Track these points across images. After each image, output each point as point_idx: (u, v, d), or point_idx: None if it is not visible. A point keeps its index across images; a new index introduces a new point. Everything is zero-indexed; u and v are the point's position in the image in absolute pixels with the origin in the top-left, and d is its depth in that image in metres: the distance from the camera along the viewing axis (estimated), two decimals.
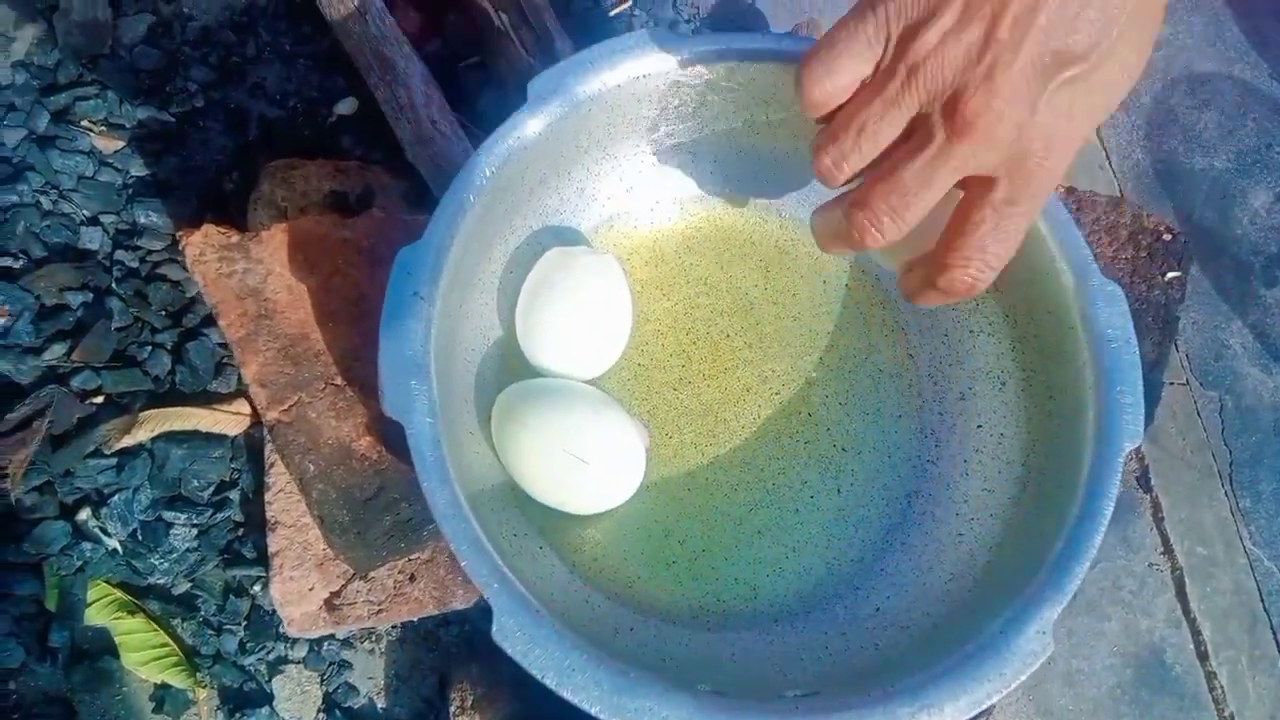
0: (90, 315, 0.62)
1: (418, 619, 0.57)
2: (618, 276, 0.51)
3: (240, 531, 0.60)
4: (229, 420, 0.61)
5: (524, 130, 0.47)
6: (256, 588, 0.60)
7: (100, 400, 0.61)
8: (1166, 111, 0.87)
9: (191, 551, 0.60)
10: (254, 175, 0.65)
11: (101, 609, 0.57)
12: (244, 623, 0.59)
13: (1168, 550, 0.73)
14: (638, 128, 0.52)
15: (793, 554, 0.50)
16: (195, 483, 0.60)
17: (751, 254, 0.56)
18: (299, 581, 0.54)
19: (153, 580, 0.59)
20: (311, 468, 0.52)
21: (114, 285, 0.63)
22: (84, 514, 0.59)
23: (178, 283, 0.64)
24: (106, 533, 0.59)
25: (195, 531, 0.60)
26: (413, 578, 0.55)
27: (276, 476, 0.55)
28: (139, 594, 0.58)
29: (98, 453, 0.59)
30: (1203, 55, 0.89)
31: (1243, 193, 0.85)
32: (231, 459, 0.61)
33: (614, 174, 0.54)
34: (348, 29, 0.64)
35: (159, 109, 0.68)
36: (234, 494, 0.61)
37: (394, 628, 0.61)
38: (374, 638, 0.61)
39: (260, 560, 0.59)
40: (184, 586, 0.59)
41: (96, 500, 0.59)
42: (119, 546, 0.59)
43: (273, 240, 0.56)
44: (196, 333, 0.63)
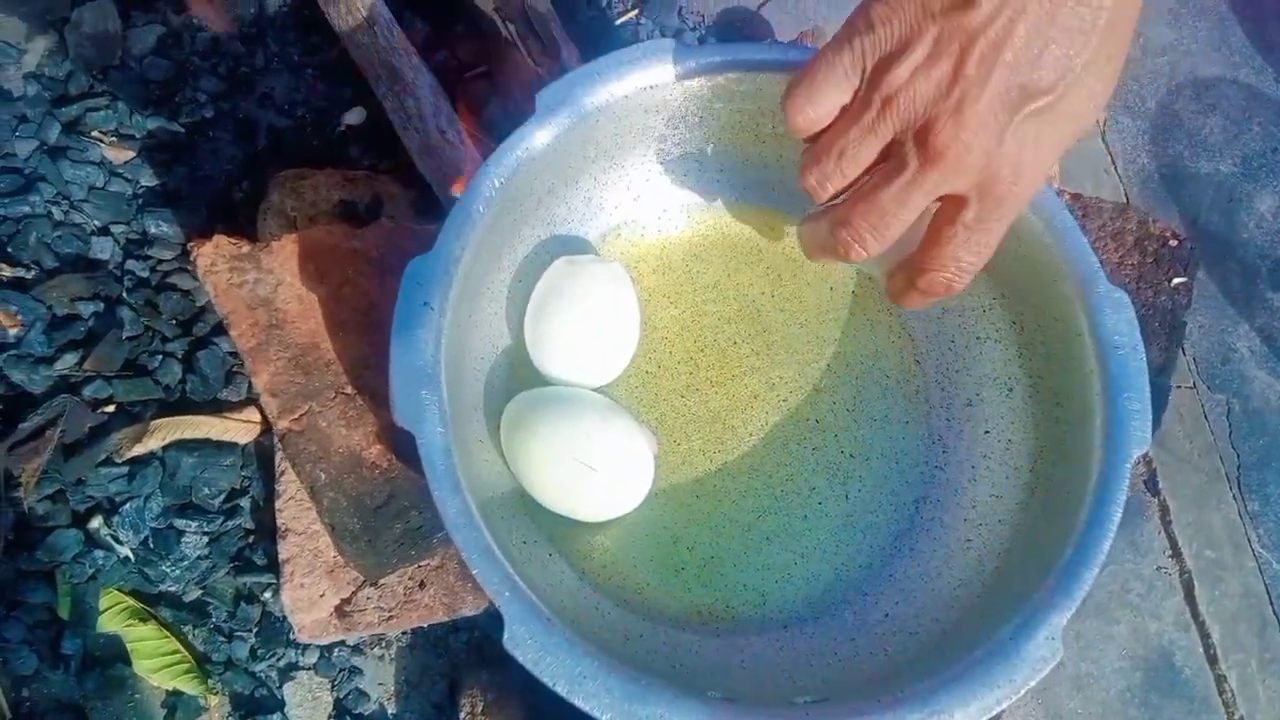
0: (101, 325, 0.63)
1: (428, 625, 0.57)
2: (625, 285, 0.51)
3: (251, 539, 0.61)
4: (239, 428, 0.61)
5: (532, 141, 0.47)
6: (267, 595, 0.60)
7: (112, 409, 0.61)
8: (1172, 116, 0.87)
9: (203, 559, 0.60)
10: (263, 185, 0.65)
11: (113, 616, 0.57)
12: (255, 629, 0.60)
13: (1176, 553, 0.73)
14: (645, 137, 0.53)
15: (801, 560, 0.50)
16: (206, 490, 0.60)
17: (758, 261, 0.56)
18: (310, 588, 0.54)
19: (164, 588, 0.59)
20: (322, 476, 0.52)
21: (125, 295, 0.64)
22: (96, 522, 0.59)
23: (188, 292, 0.65)
24: (118, 541, 0.59)
25: (206, 539, 0.60)
26: (423, 584, 0.55)
27: (287, 484, 0.56)
28: (150, 601, 0.59)
29: (109, 461, 0.60)
30: (1207, 60, 0.89)
31: (1249, 197, 0.85)
32: (242, 467, 0.61)
33: (621, 183, 0.54)
34: (356, 39, 0.65)
35: (169, 119, 0.69)
36: (244, 502, 0.61)
37: (404, 634, 0.61)
38: (384, 644, 0.61)
39: (271, 567, 0.59)
40: (195, 594, 0.60)
41: (108, 508, 0.59)
42: (131, 554, 0.59)
43: (283, 250, 0.56)
44: (207, 341, 0.63)
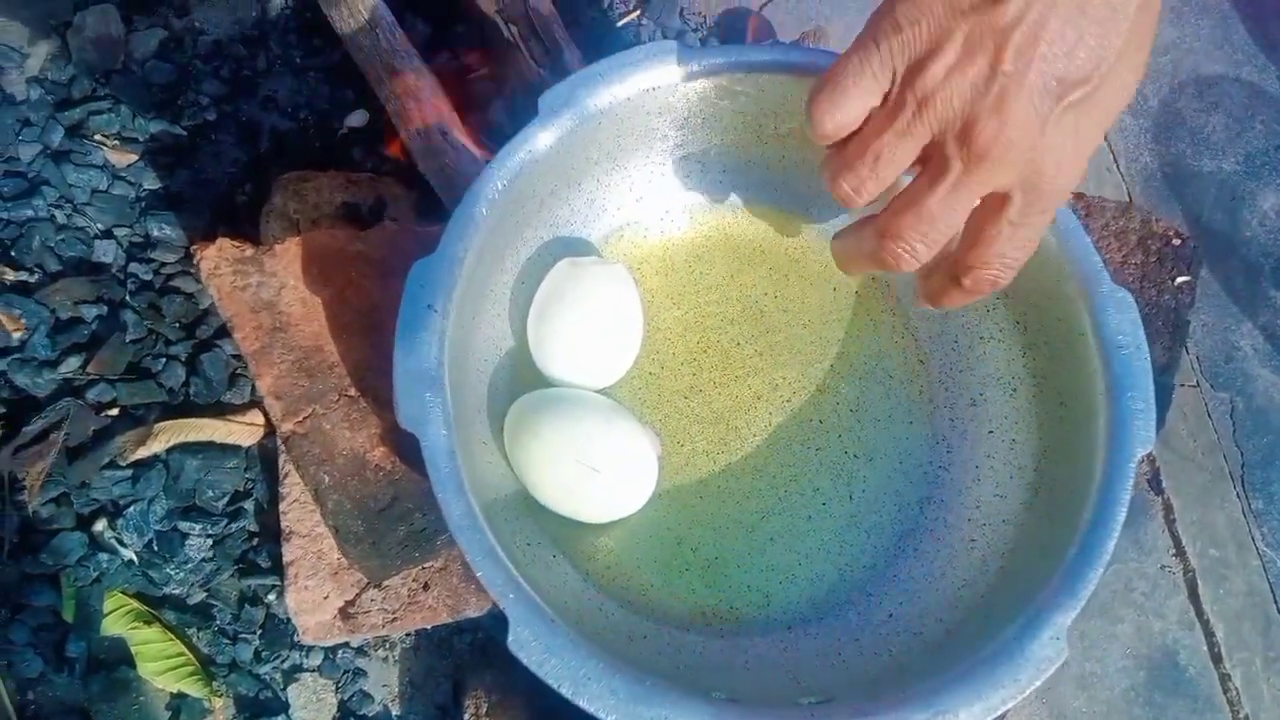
0: (105, 328, 0.63)
1: (431, 627, 0.58)
2: (628, 286, 0.51)
3: (255, 541, 0.61)
4: (243, 431, 0.61)
5: (535, 143, 0.47)
6: (271, 597, 0.60)
7: (115, 412, 0.61)
8: (1174, 115, 0.87)
9: (207, 561, 0.60)
10: (266, 187, 0.65)
11: (118, 619, 0.57)
12: (259, 632, 0.60)
13: (1180, 552, 0.73)
14: (648, 139, 0.53)
15: (805, 561, 0.50)
16: (210, 493, 0.60)
17: (761, 262, 0.56)
18: (313, 590, 0.54)
19: (168, 590, 0.59)
20: (326, 478, 0.52)
21: (128, 298, 0.64)
22: (100, 525, 0.59)
23: (191, 295, 0.65)
24: (123, 543, 0.59)
25: (210, 541, 0.60)
26: (426, 586, 0.56)
27: (291, 487, 0.56)
28: (155, 604, 0.59)
29: (113, 464, 0.60)
30: (1210, 58, 0.89)
31: (1251, 195, 0.85)
32: (246, 469, 0.61)
33: (624, 184, 0.54)
34: (358, 42, 0.65)
35: (171, 123, 0.69)
36: (248, 504, 0.61)
37: (408, 636, 0.61)
38: (388, 646, 0.61)
39: (275, 570, 0.59)
40: (199, 596, 0.60)
41: (112, 511, 0.59)
42: (135, 557, 0.59)
43: (286, 253, 0.56)
44: (210, 344, 0.63)
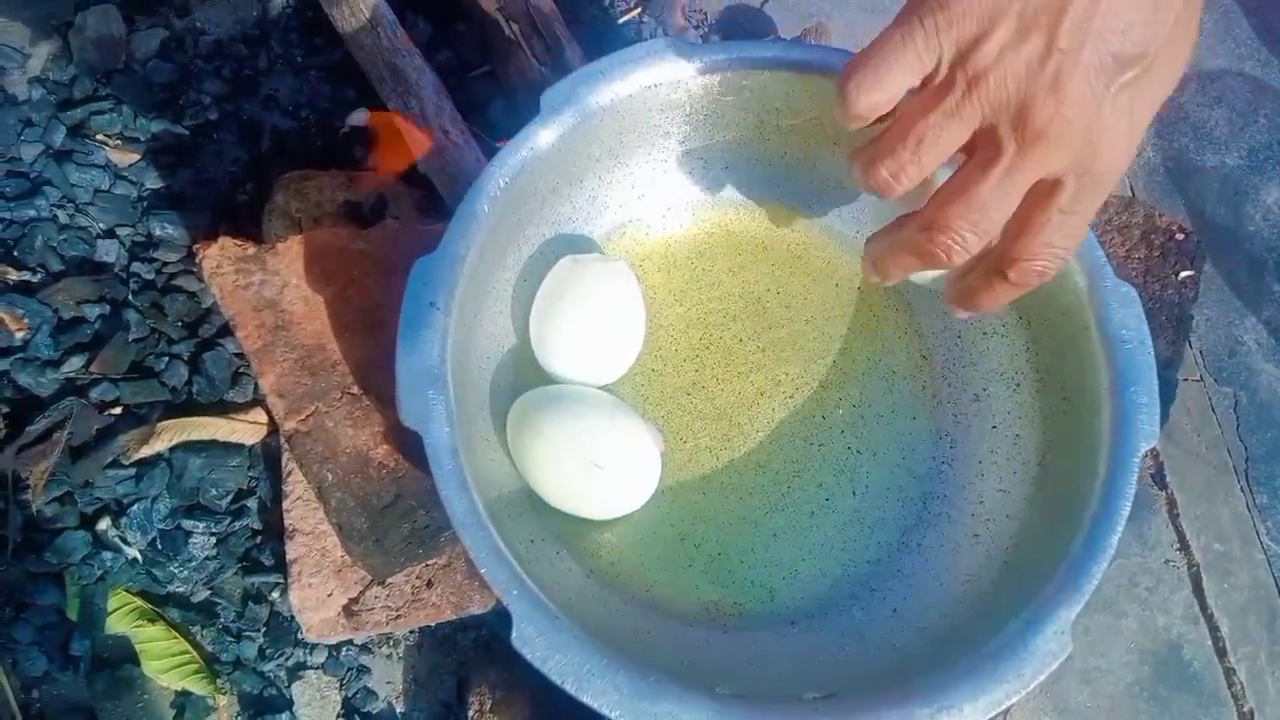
0: (108, 327, 0.63)
1: (435, 624, 0.57)
2: (630, 283, 0.51)
3: (258, 539, 0.61)
4: (246, 429, 0.61)
5: (537, 141, 0.47)
6: (275, 594, 0.60)
7: (118, 411, 0.61)
8: (1177, 109, 0.86)
9: (210, 559, 0.60)
10: (268, 187, 0.65)
11: (122, 617, 0.57)
12: (263, 629, 0.60)
13: (1184, 547, 0.73)
14: (649, 136, 0.53)
15: (809, 556, 0.50)
16: (213, 491, 0.60)
17: (764, 258, 0.56)
18: (317, 588, 0.54)
19: (172, 588, 0.59)
20: (329, 476, 0.52)
21: (131, 297, 0.64)
22: (104, 524, 0.59)
23: (193, 294, 0.65)
24: (126, 542, 0.59)
25: (214, 540, 0.60)
26: (430, 583, 0.56)
27: (294, 484, 0.56)
28: (159, 602, 0.59)
29: (116, 463, 0.60)
30: (1213, 52, 0.89)
31: (1255, 189, 0.85)
32: (249, 468, 0.61)
33: (626, 181, 0.54)
34: (359, 40, 0.65)
35: (173, 122, 0.69)
36: (252, 502, 0.61)
37: (412, 633, 0.61)
38: (392, 643, 0.61)
39: (278, 567, 0.59)
40: (203, 594, 0.60)
41: (116, 510, 0.59)
42: (139, 555, 0.59)
43: (289, 252, 0.56)
44: (213, 343, 0.63)
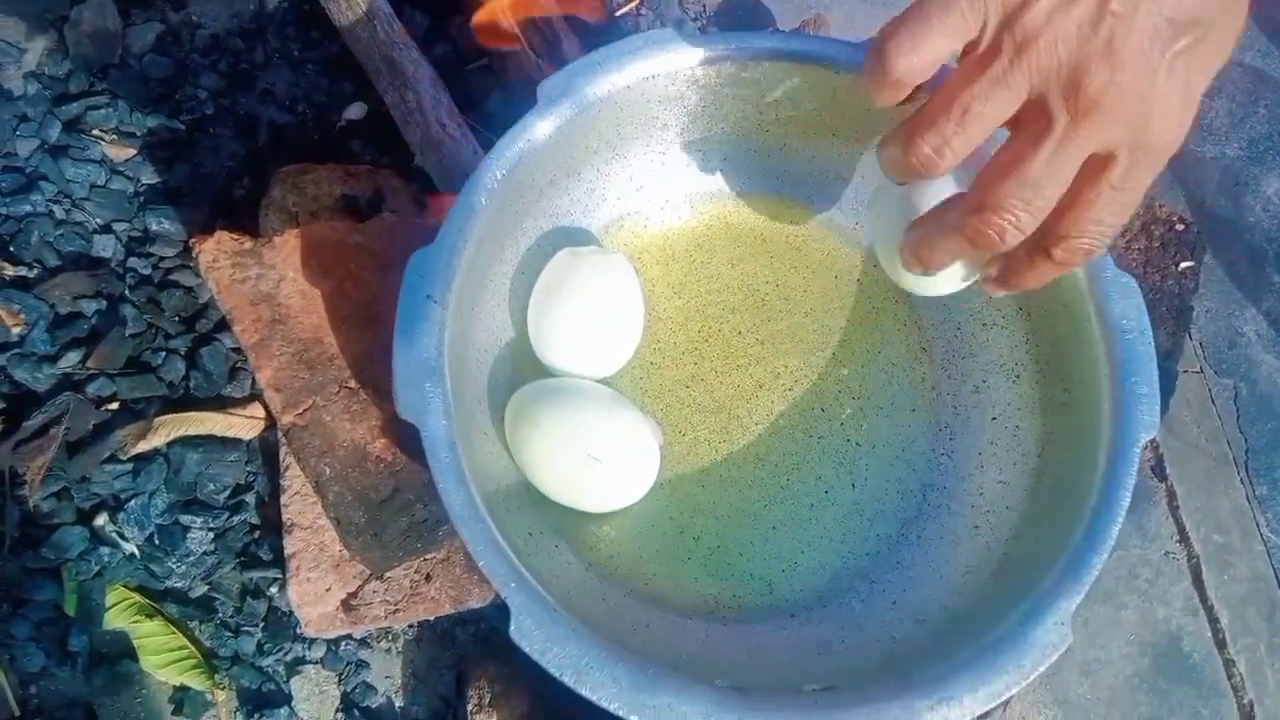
0: (104, 323, 0.63)
1: (434, 618, 0.57)
2: (628, 275, 0.51)
3: (256, 534, 0.61)
4: (243, 424, 0.61)
5: (534, 133, 0.47)
6: (273, 589, 0.60)
7: (115, 406, 0.61)
8: None
9: (208, 554, 0.60)
10: (264, 181, 0.65)
11: (120, 613, 0.57)
12: (261, 624, 0.60)
13: (1184, 538, 0.73)
14: (647, 128, 0.52)
15: (808, 549, 0.50)
16: (211, 486, 0.60)
17: (763, 251, 0.56)
18: (315, 583, 0.54)
19: (170, 583, 0.59)
20: (327, 470, 0.52)
21: (127, 292, 0.64)
22: (101, 519, 0.59)
23: (190, 289, 0.65)
24: (124, 537, 0.59)
25: (212, 535, 0.60)
26: (429, 577, 0.55)
27: (292, 479, 0.55)
28: (157, 597, 0.59)
29: (114, 458, 0.60)
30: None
31: (1255, 180, 0.84)
32: (247, 462, 0.61)
33: (624, 174, 0.54)
34: (356, 34, 0.65)
35: (169, 117, 0.69)
36: (249, 497, 0.61)
37: (410, 627, 0.61)
38: (391, 637, 0.61)
39: (277, 562, 0.59)
40: (201, 589, 0.60)
41: (113, 505, 0.59)
42: (136, 551, 0.59)
43: (285, 245, 0.56)
44: (210, 338, 0.63)
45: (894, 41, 0.36)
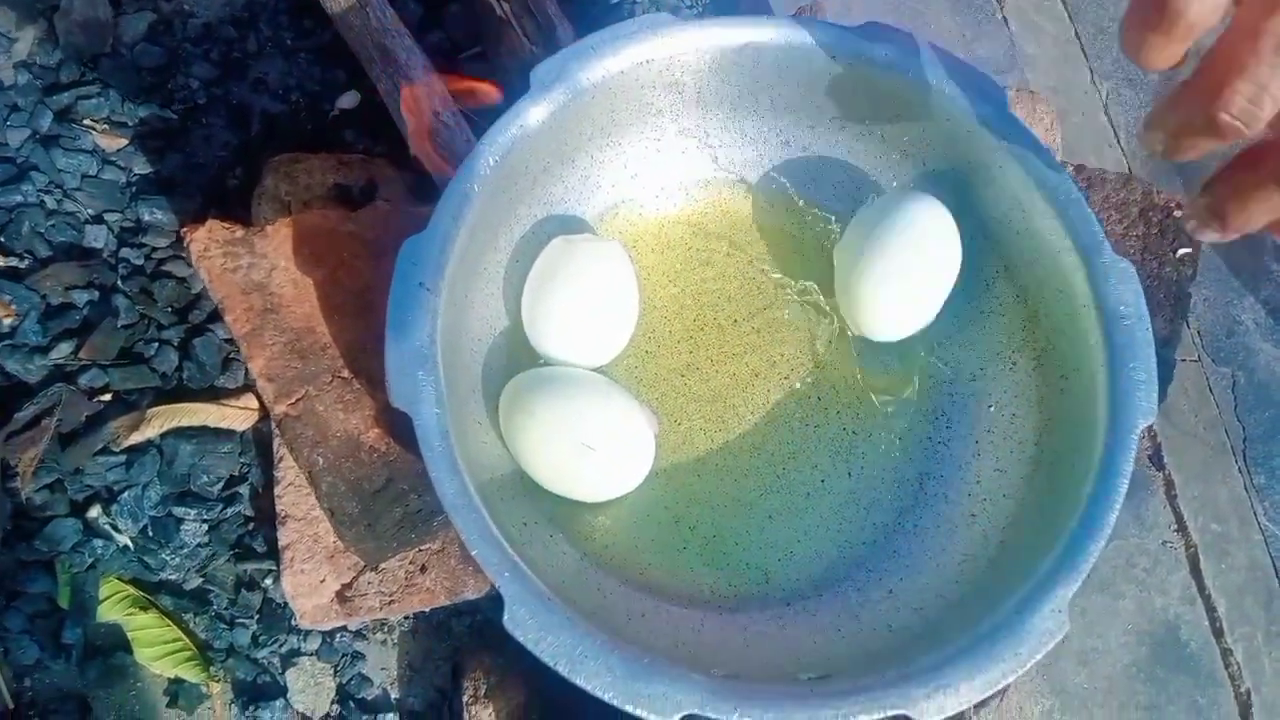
0: (96, 313, 0.62)
1: (429, 609, 0.57)
2: (623, 263, 0.50)
3: (250, 526, 0.60)
4: (237, 415, 0.61)
5: (527, 119, 0.47)
6: (268, 581, 0.60)
7: (108, 398, 0.61)
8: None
9: (202, 546, 0.60)
10: (257, 170, 0.64)
11: (114, 605, 0.57)
12: (256, 616, 0.59)
13: (1181, 528, 0.73)
14: (642, 114, 0.52)
15: (804, 538, 0.50)
16: (205, 478, 0.60)
17: (758, 238, 0.55)
18: (310, 574, 0.54)
19: (164, 576, 0.59)
20: (320, 461, 0.52)
21: (120, 283, 0.63)
22: (94, 511, 0.59)
23: (183, 279, 0.64)
24: (117, 529, 0.59)
25: (206, 526, 0.60)
26: (424, 568, 0.55)
27: (285, 470, 0.55)
28: (151, 590, 0.59)
29: (106, 450, 0.59)
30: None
31: None
32: (240, 454, 0.61)
33: (619, 161, 0.54)
34: (348, 21, 0.64)
35: (161, 106, 0.68)
36: (243, 489, 0.61)
37: (406, 618, 0.61)
38: (386, 629, 0.61)
39: (271, 554, 0.59)
40: (195, 581, 0.59)
41: (106, 497, 0.59)
42: (130, 543, 0.59)
43: (277, 234, 0.56)
44: (203, 329, 0.63)
45: None
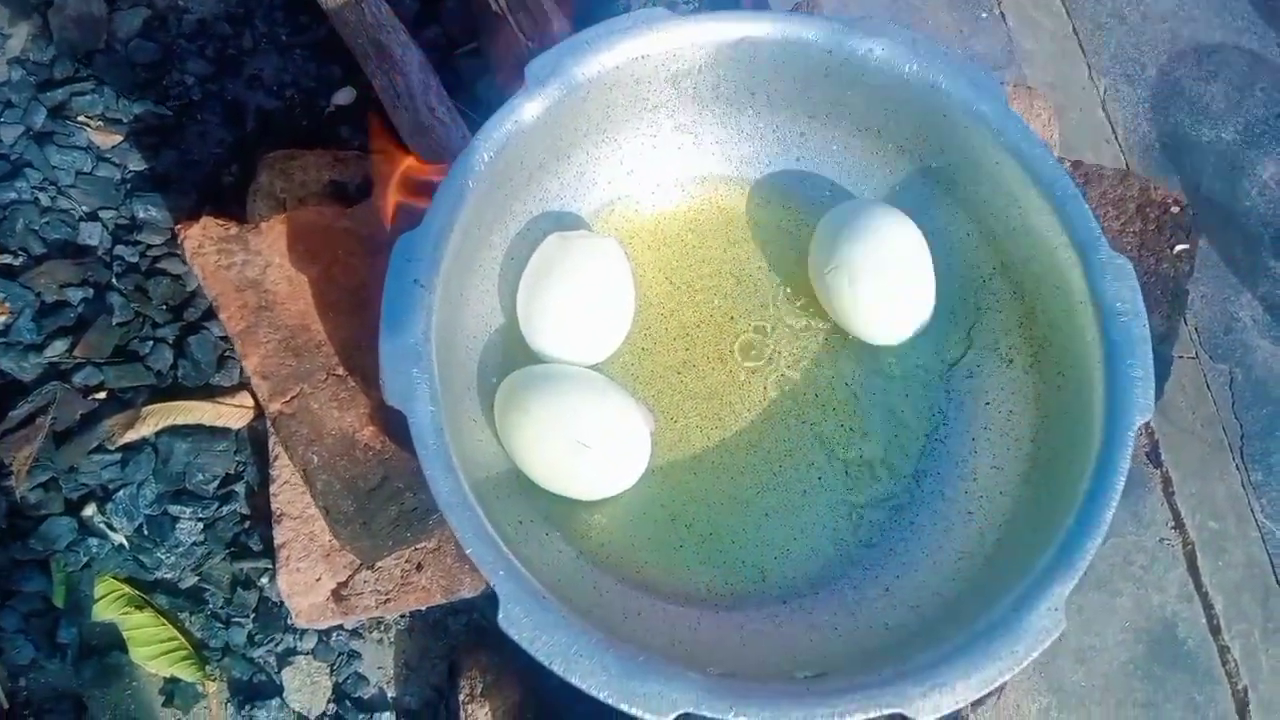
0: (91, 311, 0.62)
1: (426, 608, 0.57)
2: (619, 260, 0.50)
3: (246, 524, 0.60)
4: (232, 413, 0.61)
5: (522, 114, 0.46)
6: (264, 580, 0.60)
7: (103, 396, 0.61)
8: (1173, 84, 0.86)
9: (198, 545, 0.59)
10: (253, 167, 0.64)
11: (109, 604, 0.57)
12: (252, 615, 0.59)
13: (1179, 525, 0.73)
14: (638, 109, 0.52)
15: (801, 536, 0.49)
16: (200, 476, 0.60)
17: (754, 235, 0.55)
18: (306, 573, 0.54)
19: (160, 574, 0.59)
20: (315, 459, 0.52)
21: (114, 280, 0.63)
22: (89, 510, 0.58)
23: (178, 276, 0.64)
24: (112, 528, 0.59)
25: (201, 525, 0.60)
26: (420, 567, 0.55)
27: (281, 468, 0.55)
28: (146, 588, 0.58)
29: (101, 448, 0.59)
30: (1209, 26, 0.88)
31: (1251, 164, 0.84)
32: (236, 452, 0.61)
33: (614, 157, 0.54)
34: (344, 17, 0.64)
35: (156, 103, 0.68)
36: (239, 487, 0.61)
37: (402, 617, 0.61)
38: (382, 627, 0.61)
39: (267, 552, 0.59)
40: (191, 580, 0.59)
41: (101, 496, 0.59)
42: (125, 541, 0.59)
43: (272, 231, 0.55)
44: (198, 326, 0.63)
45: None
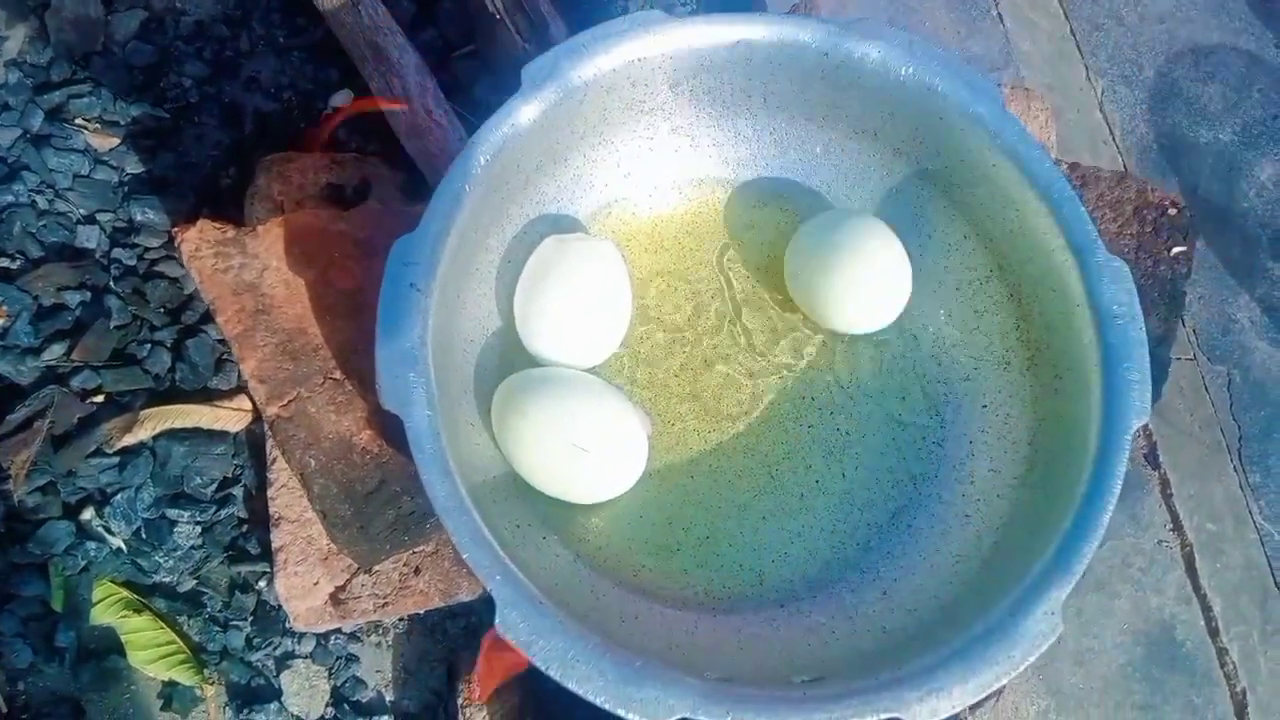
0: (89, 314, 0.62)
1: (424, 611, 0.57)
2: (616, 263, 0.50)
3: (244, 528, 0.60)
4: (230, 417, 0.61)
5: (518, 117, 0.46)
6: (262, 583, 0.60)
7: (101, 399, 0.61)
8: (1170, 85, 0.86)
9: (196, 549, 0.59)
10: (250, 170, 0.64)
11: (107, 608, 0.57)
12: (250, 619, 0.59)
13: (1177, 527, 0.73)
14: (635, 112, 0.52)
15: (798, 539, 0.49)
16: (198, 480, 0.60)
17: (752, 238, 0.55)
18: (304, 576, 0.54)
19: (158, 578, 0.59)
20: (312, 463, 0.52)
21: (112, 284, 0.63)
22: (87, 513, 0.58)
23: (176, 280, 0.64)
24: (110, 532, 0.59)
25: (199, 529, 0.60)
26: (418, 570, 0.55)
27: (278, 472, 0.55)
28: (144, 592, 0.58)
29: (99, 452, 0.59)
30: (1207, 27, 0.88)
31: (1249, 165, 0.84)
32: (233, 455, 0.61)
33: (611, 160, 0.53)
34: (341, 19, 0.64)
35: (153, 105, 0.68)
36: (237, 490, 0.61)
37: (400, 621, 0.61)
38: (380, 631, 0.61)
39: (265, 556, 0.59)
40: (189, 584, 0.59)
41: (100, 499, 0.59)
42: (123, 545, 0.59)
43: (269, 234, 0.55)
44: (196, 329, 0.63)
45: None
